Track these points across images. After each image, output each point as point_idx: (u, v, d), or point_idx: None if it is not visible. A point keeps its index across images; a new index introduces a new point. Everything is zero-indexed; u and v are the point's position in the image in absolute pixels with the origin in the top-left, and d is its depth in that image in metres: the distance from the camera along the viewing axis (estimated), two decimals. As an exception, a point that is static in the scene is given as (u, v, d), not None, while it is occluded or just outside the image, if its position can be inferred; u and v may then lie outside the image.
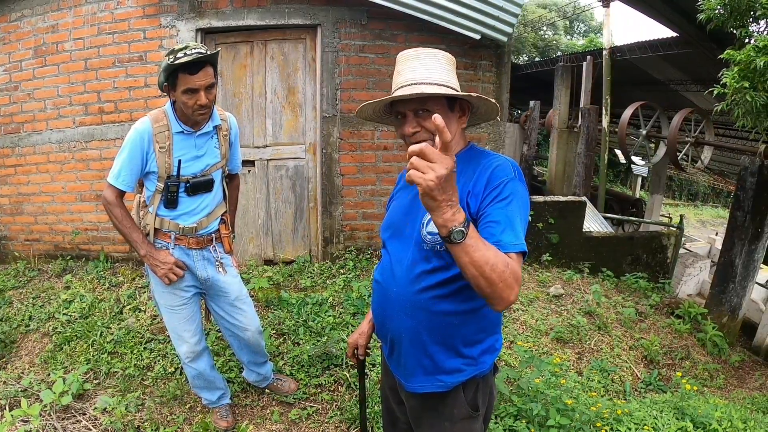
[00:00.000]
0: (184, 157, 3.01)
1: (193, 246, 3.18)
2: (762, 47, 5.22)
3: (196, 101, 2.82)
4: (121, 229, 3.03)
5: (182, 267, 3.15)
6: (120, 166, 2.95)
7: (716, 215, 26.71)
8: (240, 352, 3.69)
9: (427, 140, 1.84)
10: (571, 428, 3.28)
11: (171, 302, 3.24)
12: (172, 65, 2.70)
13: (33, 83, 5.57)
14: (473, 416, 2.01)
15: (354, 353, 2.43)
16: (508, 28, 5.19)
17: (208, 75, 2.81)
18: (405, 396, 2.14)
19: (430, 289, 1.90)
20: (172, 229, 3.12)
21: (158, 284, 3.20)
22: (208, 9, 5.25)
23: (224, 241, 3.34)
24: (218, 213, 3.28)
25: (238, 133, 3.34)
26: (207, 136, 3.08)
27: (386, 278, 2.04)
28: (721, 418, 3.50)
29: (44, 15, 5.42)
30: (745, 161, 7.09)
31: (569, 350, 4.94)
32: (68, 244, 5.86)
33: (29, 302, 5.07)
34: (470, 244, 1.53)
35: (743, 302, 7.11)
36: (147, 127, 2.93)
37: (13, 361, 4.41)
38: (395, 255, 2.02)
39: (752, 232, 6.87)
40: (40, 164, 5.72)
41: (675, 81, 13.59)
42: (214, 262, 3.29)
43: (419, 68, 1.85)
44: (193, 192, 3.08)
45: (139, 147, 2.93)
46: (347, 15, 5.33)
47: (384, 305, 2.06)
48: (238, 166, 3.46)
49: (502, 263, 1.57)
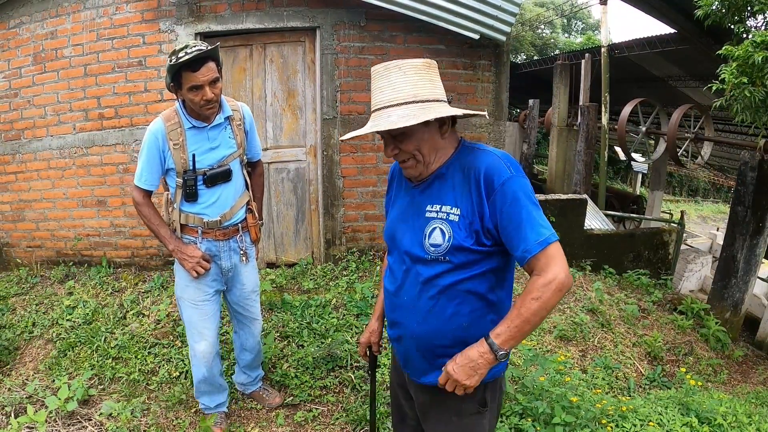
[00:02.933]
0: (198, 151, 3.09)
1: (220, 238, 3.27)
2: (760, 42, 5.23)
3: (202, 97, 2.89)
4: (150, 226, 3.19)
5: (209, 260, 3.24)
6: (141, 168, 3.10)
7: (717, 211, 26.69)
8: (242, 350, 3.72)
9: (407, 160, 1.91)
10: (576, 425, 3.28)
11: (194, 297, 3.31)
12: (175, 65, 2.77)
13: (32, 90, 5.56)
14: (481, 412, 2.02)
15: (366, 352, 2.46)
16: (507, 28, 5.19)
17: (211, 70, 2.88)
18: (414, 391, 2.17)
19: (437, 295, 1.92)
20: (198, 224, 3.21)
21: (183, 278, 3.29)
22: (206, 13, 5.26)
23: (251, 230, 3.44)
24: (242, 203, 3.35)
25: (252, 121, 3.40)
26: (220, 127, 3.15)
27: (395, 287, 2.06)
28: (726, 412, 3.50)
29: (43, 21, 5.42)
30: (744, 156, 7.09)
31: (573, 348, 4.94)
32: (70, 250, 5.86)
33: (32, 309, 5.07)
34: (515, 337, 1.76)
35: (745, 297, 7.11)
36: (160, 127, 3.04)
37: (18, 367, 4.42)
38: (401, 263, 2.03)
39: (753, 227, 6.88)
40: (41, 171, 5.72)
41: (673, 77, 13.60)
42: (239, 252, 3.37)
43: (386, 88, 1.85)
44: (212, 183, 3.15)
45: (155, 146, 3.04)
46: (345, 17, 5.33)
47: (395, 312, 2.08)
48: (258, 153, 3.52)
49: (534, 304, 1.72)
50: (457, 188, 1.89)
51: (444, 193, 1.92)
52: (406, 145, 1.87)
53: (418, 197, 1.99)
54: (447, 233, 1.85)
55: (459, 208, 1.86)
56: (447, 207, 1.89)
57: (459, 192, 1.88)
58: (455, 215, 1.86)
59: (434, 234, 1.88)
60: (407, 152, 1.88)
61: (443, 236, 1.86)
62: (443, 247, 1.86)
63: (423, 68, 1.86)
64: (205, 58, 2.83)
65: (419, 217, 1.95)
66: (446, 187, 1.92)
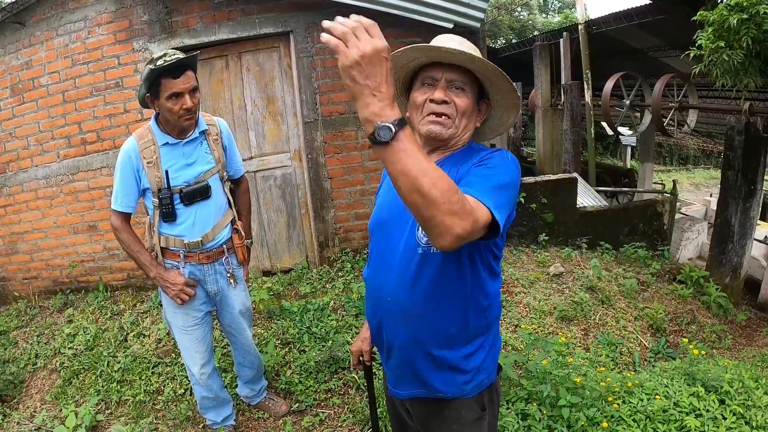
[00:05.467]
0: (173, 167, 2.99)
1: (203, 261, 3.16)
2: (734, 5, 5.24)
3: (182, 105, 2.82)
4: (130, 253, 3.08)
5: (193, 285, 3.15)
6: (116, 190, 3.00)
7: (709, 177, 26.76)
8: (240, 367, 3.71)
9: (450, 117, 1.78)
10: (582, 405, 3.28)
11: (183, 323, 3.23)
12: (155, 70, 2.72)
13: (13, 122, 5.54)
14: (481, 416, 1.96)
15: (359, 360, 2.34)
16: (480, 14, 5.18)
17: (190, 78, 2.84)
18: (409, 403, 2.07)
19: (423, 294, 1.82)
20: (179, 247, 3.10)
21: (170, 305, 3.20)
22: (179, 28, 5.24)
23: (237, 251, 3.32)
24: (225, 222, 3.24)
25: (231, 136, 3.31)
26: (195, 142, 3.07)
27: (378, 282, 1.96)
28: (732, 379, 3.50)
29: (17, 53, 5.40)
30: (731, 121, 7.11)
31: (575, 328, 4.95)
32: (66, 278, 5.85)
33: (34, 340, 5.07)
34: (402, 148, 1.30)
35: (744, 261, 7.14)
36: (132, 146, 2.96)
37: (24, 400, 4.42)
38: (385, 256, 1.93)
39: (746, 190, 6.90)
40: (30, 201, 5.70)
41: (653, 48, 13.58)
42: (226, 275, 3.28)
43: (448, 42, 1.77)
44: (189, 201, 3.04)
45: (129, 166, 2.96)
46: (318, 19, 5.30)
47: (378, 312, 1.98)
48: (240, 170, 3.41)
49: (450, 186, 1.35)
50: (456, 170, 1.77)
51: None
52: (462, 101, 1.77)
53: None
54: None
55: None
56: None
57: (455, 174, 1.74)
58: None
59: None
60: (454, 108, 1.77)
61: None
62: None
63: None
64: (186, 65, 2.81)
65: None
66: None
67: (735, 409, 3.20)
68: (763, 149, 6.94)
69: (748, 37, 5.26)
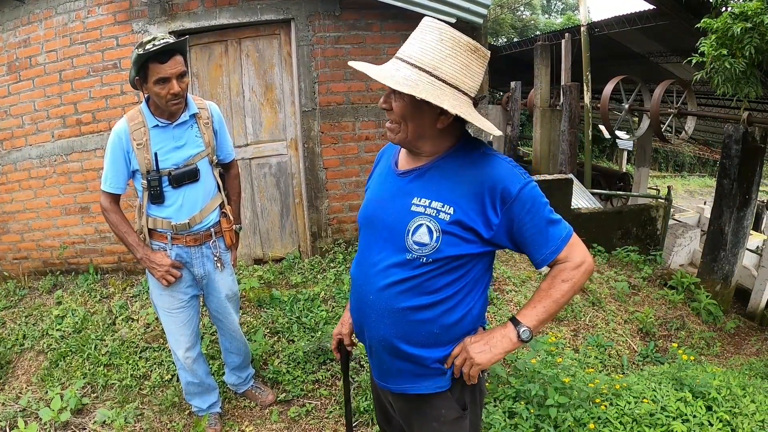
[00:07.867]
0: (162, 150, 3.00)
1: (191, 243, 3.17)
2: (738, 14, 5.24)
3: (169, 90, 2.81)
4: (117, 233, 3.10)
5: (179, 267, 3.16)
6: (106, 171, 3.01)
7: (703, 184, 26.89)
8: (227, 353, 3.70)
9: (393, 122, 1.79)
10: (570, 406, 3.28)
11: (169, 305, 3.24)
12: (143, 55, 2.70)
13: (9, 100, 5.48)
14: (462, 416, 1.95)
15: (339, 346, 2.33)
16: (483, 10, 5.15)
17: (178, 63, 2.82)
18: (392, 398, 2.08)
19: (407, 296, 1.82)
20: (166, 229, 3.11)
21: (156, 287, 3.21)
22: (179, 11, 5.19)
23: (225, 235, 3.32)
24: (213, 206, 3.24)
25: (222, 120, 3.30)
26: (185, 125, 3.07)
27: (363, 280, 1.96)
28: (720, 386, 3.50)
29: (15, 30, 5.34)
30: (728, 129, 7.12)
31: (564, 328, 4.95)
32: (56, 259, 5.80)
33: (22, 321, 5.02)
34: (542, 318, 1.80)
35: (735, 269, 7.16)
36: (123, 127, 2.97)
37: (10, 381, 4.38)
38: (371, 252, 1.92)
39: (740, 200, 6.91)
40: (22, 181, 5.65)
41: (654, 53, 13.59)
42: (213, 258, 3.27)
43: (417, 44, 1.72)
44: (177, 184, 3.04)
45: (119, 147, 2.96)
46: (320, 7, 5.28)
47: (361, 308, 1.98)
48: (231, 154, 3.41)
49: (570, 288, 1.80)
50: (456, 189, 1.76)
51: (436, 188, 1.79)
52: (397, 106, 1.75)
53: (406, 186, 1.85)
54: (435, 232, 1.75)
55: (452, 208, 1.74)
56: (438, 203, 1.76)
57: (458, 193, 1.75)
58: (446, 214, 1.74)
59: (420, 231, 1.76)
60: (394, 114, 1.77)
61: (430, 235, 1.75)
62: (429, 247, 1.75)
63: (464, 48, 1.73)
64: (174, 51, 2.78)
65: (402, 205, 1.82)
66: (443, 183, 1.79)
67: (722, 416, 3.19)
68: (759, 159, 6.97)
69: (751, 47, 5.26)
